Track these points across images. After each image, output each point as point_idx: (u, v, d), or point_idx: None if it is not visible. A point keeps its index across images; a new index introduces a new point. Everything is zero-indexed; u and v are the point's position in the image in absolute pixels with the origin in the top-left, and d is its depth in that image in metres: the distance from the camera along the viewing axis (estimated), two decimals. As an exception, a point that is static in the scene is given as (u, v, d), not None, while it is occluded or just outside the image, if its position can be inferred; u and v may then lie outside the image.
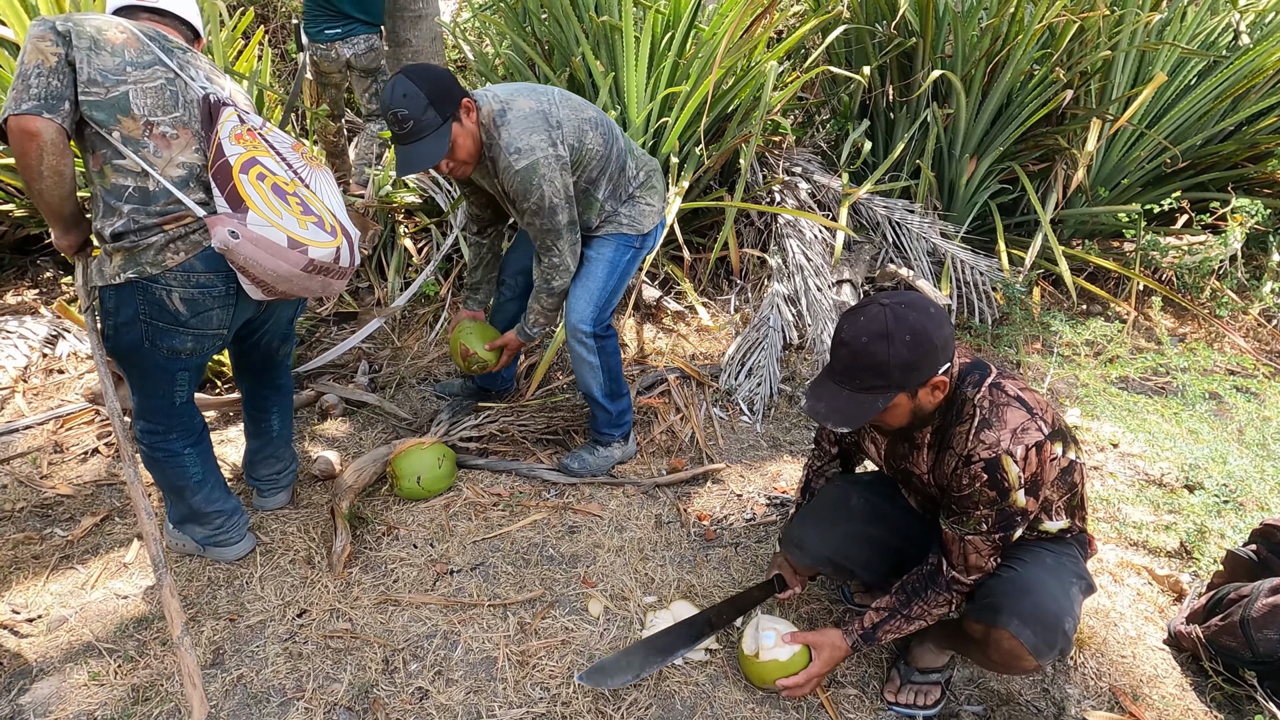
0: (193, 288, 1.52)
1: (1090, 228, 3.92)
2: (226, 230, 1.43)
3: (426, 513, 2.15)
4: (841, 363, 1.29)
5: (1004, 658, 1.38)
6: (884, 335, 1.24)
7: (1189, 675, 1.76)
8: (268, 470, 2.06)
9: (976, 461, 1.31)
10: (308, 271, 1.54)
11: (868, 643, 1.52)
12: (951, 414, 1.37)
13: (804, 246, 3.23)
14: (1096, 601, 1.96)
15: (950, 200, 3.78)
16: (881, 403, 1.28)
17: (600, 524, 2.15)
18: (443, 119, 1.76)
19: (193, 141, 1.52)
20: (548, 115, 1.91)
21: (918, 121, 3.56)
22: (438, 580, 1.91)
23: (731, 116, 3.34)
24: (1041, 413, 1.34)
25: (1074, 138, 3.57)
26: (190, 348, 1.60)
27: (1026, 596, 1.36)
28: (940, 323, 1.28)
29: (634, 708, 1.58)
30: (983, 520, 1.35)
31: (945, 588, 1.43)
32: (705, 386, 2.83)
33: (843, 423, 1.29)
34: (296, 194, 1.55)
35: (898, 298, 1.28)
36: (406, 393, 2.74)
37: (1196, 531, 2.07)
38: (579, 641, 1.74)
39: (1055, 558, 1.44)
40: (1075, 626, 1.38)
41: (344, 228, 1.64)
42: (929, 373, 1.27)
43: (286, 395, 2.02)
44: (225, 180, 1.47)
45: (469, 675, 1.65)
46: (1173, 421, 2.49)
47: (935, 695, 1.61)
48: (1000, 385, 1.36)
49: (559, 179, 1.90)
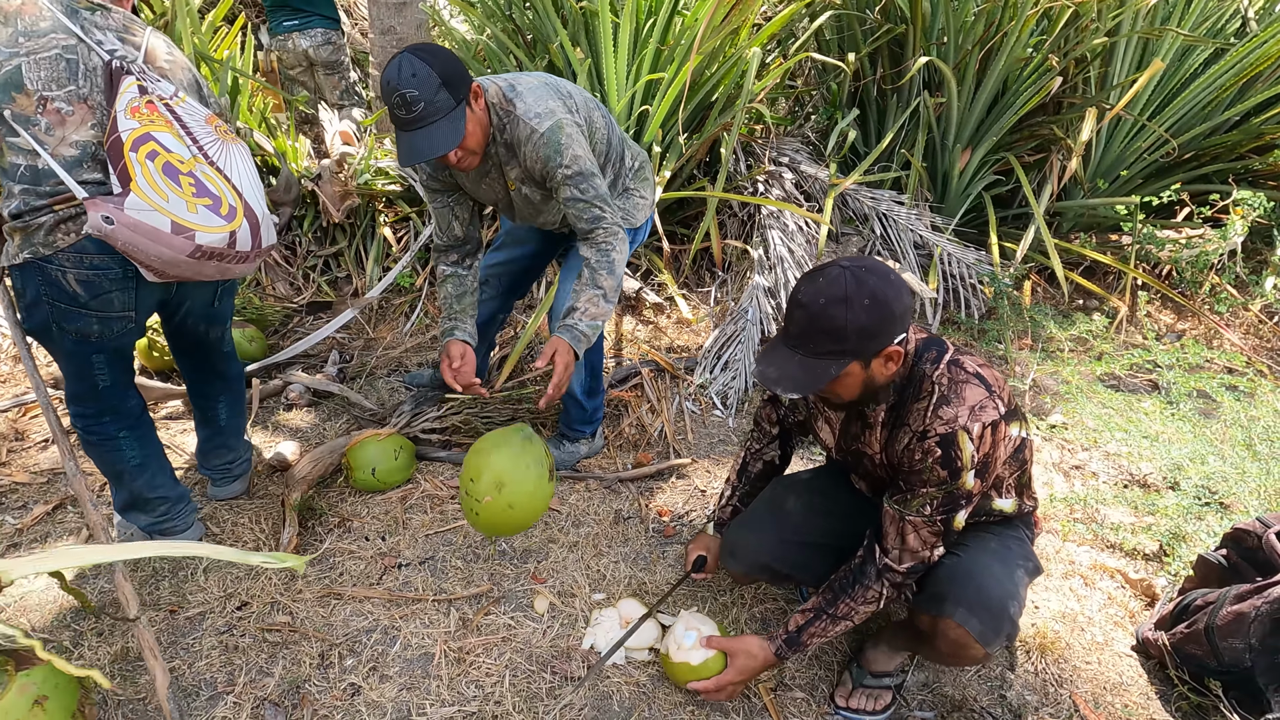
0: (87, 269, 1.46)
1: (1089, 221, 3.81)
2: (100, 216, 1.36)
3: (382, 505, 2.11)
4: (797, 325, 1.24)
5: (951, 648, 1.33)
6: (843, 299, 1.19)
7: (1155, 684, 1.69)
8: (219, 460, 2.03)
9: (932, 436, 1.26)
10: (195, 257, 1.46)
11: (793, 648, 1.45)
12: (909, 390, 1.33)
13: (786, 238, 3.16)
14: (1064, 605, 1.89)
15: (943, 192, 3.69)
16: (835, 369, 1.22)
17: (558, 519, 2.11)
18: (456, 101, 1.61)
19: (90, 116, 1.42)
20: (557, 88, 1.84)
21: (909, 110, 3.47)
22: (384, 574, 1.88)
23: (715, 105, 3.27)
24: (999, 390, 1.30)
25: (1070, 127, 3.47)
26: (97, 330, 1.55)
27: (971, 583, 1.32)
28: (900, 291, 1.23)
29: (568, 709, 1.54)
30: (928, 501, 1.30)
31: (875, 578, 1.36)
32: (680, 380, 2.78)
33: (793, 389, 1.23)
34: (193, 173, 1.46)
35: (859, 261, 1.23)
36: (375, 383, 2.72)
37: (1172, 534, 1.99)
38: (520, 639, 1.70)
39: (1000, 541, 1.40)
40: (1021, 611, 1.34)
41: (249, 208, 1.54)
42: (885, 341, 1.23)
43: (233, 384, 1.98)
44: (117, 158, 1.39)
45: (404, 671, 1.61)
46: (1157, 420, 2.40)
47: (886, 700, 1.55)
48: (959, 362, 1.31)
49: (583, 144, 1.77)
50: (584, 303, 1.81)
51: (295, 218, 3.36)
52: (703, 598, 1.84)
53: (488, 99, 1.76)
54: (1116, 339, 3.16)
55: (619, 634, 1.67)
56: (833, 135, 3.45)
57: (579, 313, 1.81)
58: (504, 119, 1.77)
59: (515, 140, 1.77)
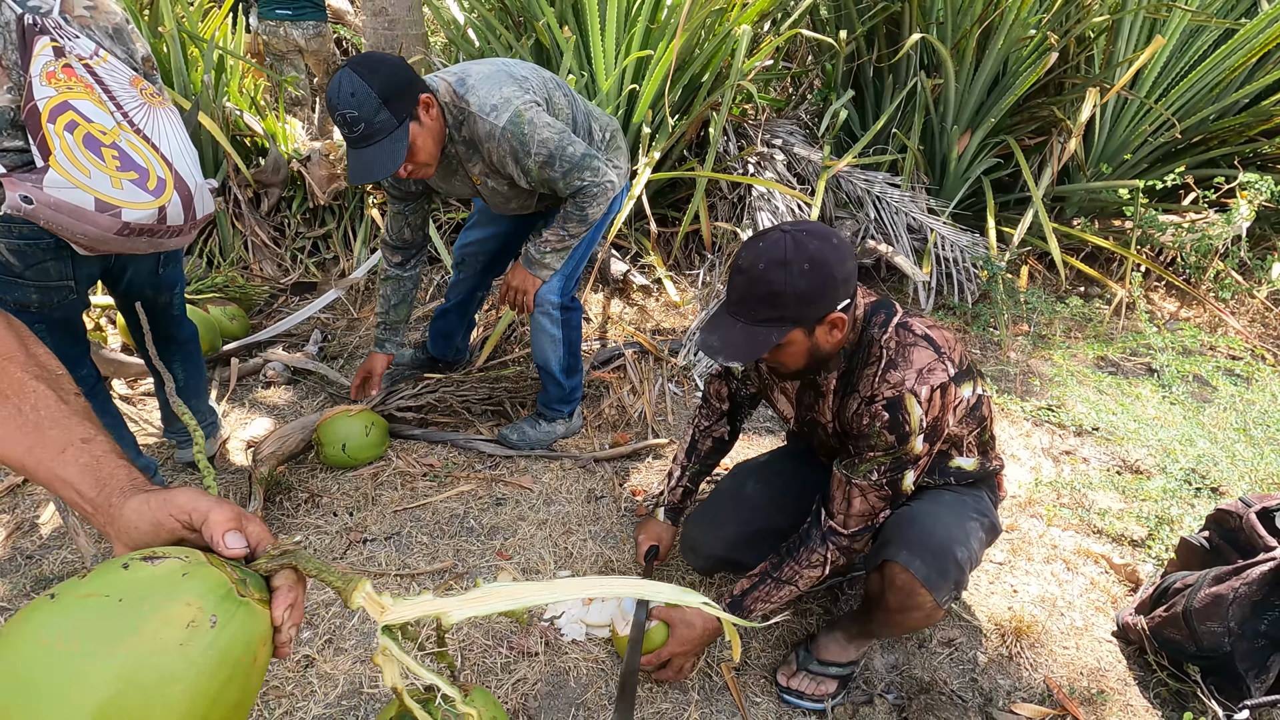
0: (16, 239, 1.42)
1: (1091, 206, 3.72)
2: (19, 195, 1.30)
3: (352, 481, 2.09)
4: (737, 291, 1.20)
5: (899, 598, 1.29)
6: (782, 262, 1.15)
7: (1134, 669, 1.64)
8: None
9: (879, 401, 1.23)
10: (124, 235, 1.40)
11: (736, 612, 1.39)
12: (858, 357, 1.29)
13: (776, 219, 3.10)
14: (1044, 589, 1.83)
15: (941, 176, 3.61)
16: (776, 336, 1.18)
17: (529, 497, 2.08)
18: (398, 120, 1.56)
19: (5, 79, 1.32)
20: (509, 71, 1.80)
21: (905, 91, 3.40)
22: (349, 548, 1.85)
23: (704, 84, 3.22)
24: (949, 351, 1.26)
25: (1071, 109, 3.38)
26: (36, 300, 1.51)
27: (914, 525, 1.29)
28: (844, 255, 1.19)
29: (521, 684, 1.51)
30: (875, 465, 1.27)
31: (821, 541, 1.33)
32: (663, 362, 2.74)
33: (734, 356, 1.19)
34: (116, 144, 1.38)
35: (800, 225, 1.19)
36: (356, 363, 2.70)
37: (1158, 518, 1.92)
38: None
39: (955, 495, 1.37)
40: (971, 560, 1.30)
41: (179, 179, 1.46)
42: (826, 307, 1.18)
43: (186, 345, 1.95)
44: (35, 128, 1.31)
45: (360, 645, 1.59)
46: (1151, 405, 2.33)
47: (829, 688, 1.49)
48: (907, 324, 1.28)
49: (547, 119, 1.73)
50: (548, 234, 1.88)
51: (284, 199, 3.35)
52: (669, 578, 1.80)
53: (439, 100, 1.70)
54: (1115, 324, 3.08)
55: (580, 610, 1.64)
56: (826, 116, 3.39)
57: (541, 241, 1.89)
58: (459, 116, 1.72)
59: (475, 137, 1.73)
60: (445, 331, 2.49)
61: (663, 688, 1.52)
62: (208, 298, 2.75)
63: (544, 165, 1.74)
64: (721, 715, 1.48)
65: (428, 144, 1.66)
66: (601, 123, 2.04)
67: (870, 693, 1.55)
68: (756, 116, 3.54)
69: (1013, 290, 3.07)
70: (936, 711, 1.51)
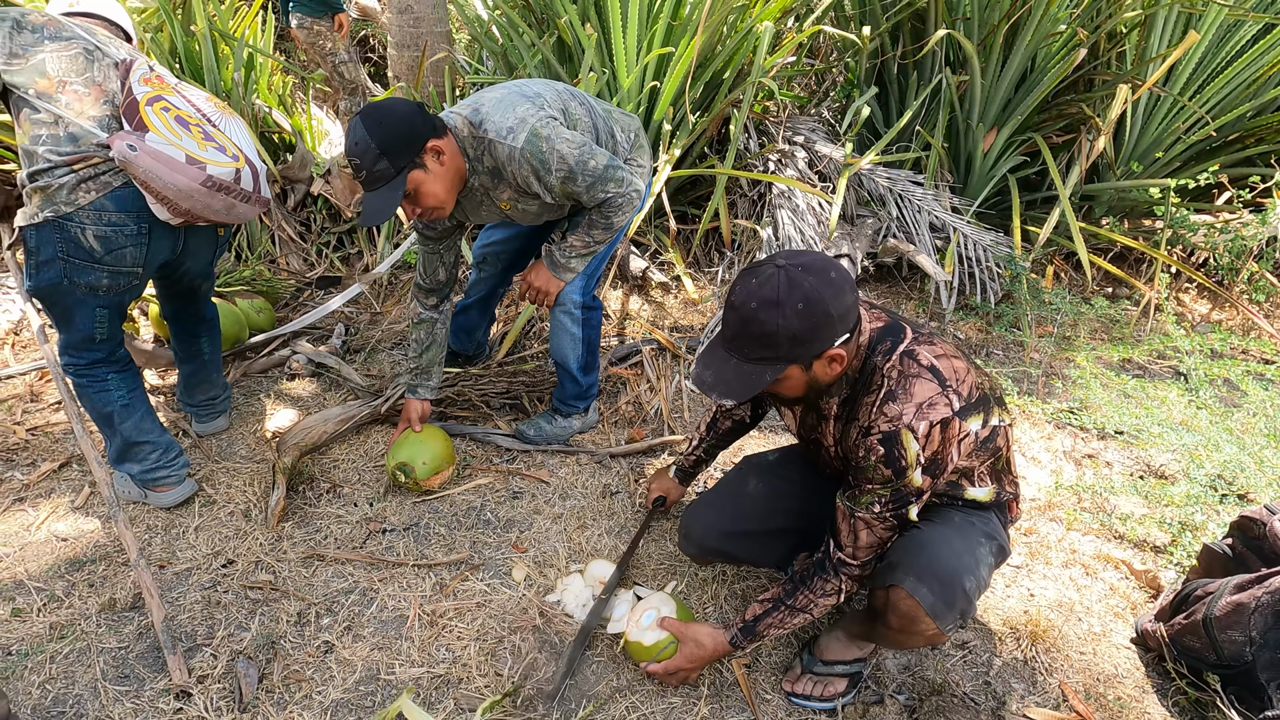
0: (105, 226, 1.60)
1: (1121, 205, 3.65)
2: (125, 143, 1.52)
3: (373, 473, 2.13)
4: (730, 329, 1.18)
5: (901, 621, 1.27)
6: (775, 303, 1.11)
7: (1152, 677, 1.61)
8: (203, 395, 2.18)
9: (875, 434, 1.19)
10: (207, 187, 1.61)
11: (748, 638, 1.39)
12: (860, 384, 1.26)
13: (796, 218, 3.09)
14: (1061, 594, 1.81)
15: (966, 174, 3.57)
16: (770, 375, 1.16)
17: (545, 491, 2.10)
18: (396, 170, 1.61)
19: (103, 96, 1.61)
20: (521, 91, 1.81)
21: (930, 88, 3.36)
22: (368, 538, 1.89)
23: (726, 81, 3.22)
24: (956, 384, 1.20)
25: (1101, 106, 3.32)
26: (106, 284, 1.68)
27: (923, 552, 1.25)
28: (840, 290, 1.14)
29: (533, 671, 1.53)
30: (875, 499, 1.24)
31: (834, 573, 1.31)
32: (681, 359, 2.74)
33: (728, 394, 1.17)
34: (200, 126, 1.65)
35: (796, 259, 1.15)
36: (376, 357, 2.74)
37: (1181, 524, 1.89)
38: (495, 605, 1.70)
39: (964, 517, 1.33)
40: (979, 588, 1.27)
41: (249, 160, 1.72)
42: (823, 345, 1.15)
43: (213, 324, 2.15)
44: (133, 114, 1.58)
45: (378, 632, 1.62)
46: (1177, 409, 2.29)
47: (838, 688, 1.49)
48: (913, 353, 1.22)
49: (565, 134, 1.74)
50: (572, 239, 1.91)
51: (310, 195, 3.41)
52: (682, 573, 1.82)
53: (457, 136, 1.74)
54: (1142, 326, 3.03)
55: (585, 595, 1.67)
56: (849, 113, 3.36)
57: (565, 246, 1.91)
58: (479, 146, 1.75)
59: (498, 163, 1.75)
60: (466, 326, 2.52)
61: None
62: (235, 291, 2.82)
63: (566, 180, 1.75)
64: (731, 711, 1.49)
65: (435, 189, 1.68)
66: (624, 124, 2.04)
67: (881, 693, 1.54)
68: (778, 113, 3.53)
69: (1037, 290, 3.02)
70: (948, 714, 1.51)
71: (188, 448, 2.19)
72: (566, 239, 1.92)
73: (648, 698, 1.50)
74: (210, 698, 1.46)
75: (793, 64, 3.68)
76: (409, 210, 1.72)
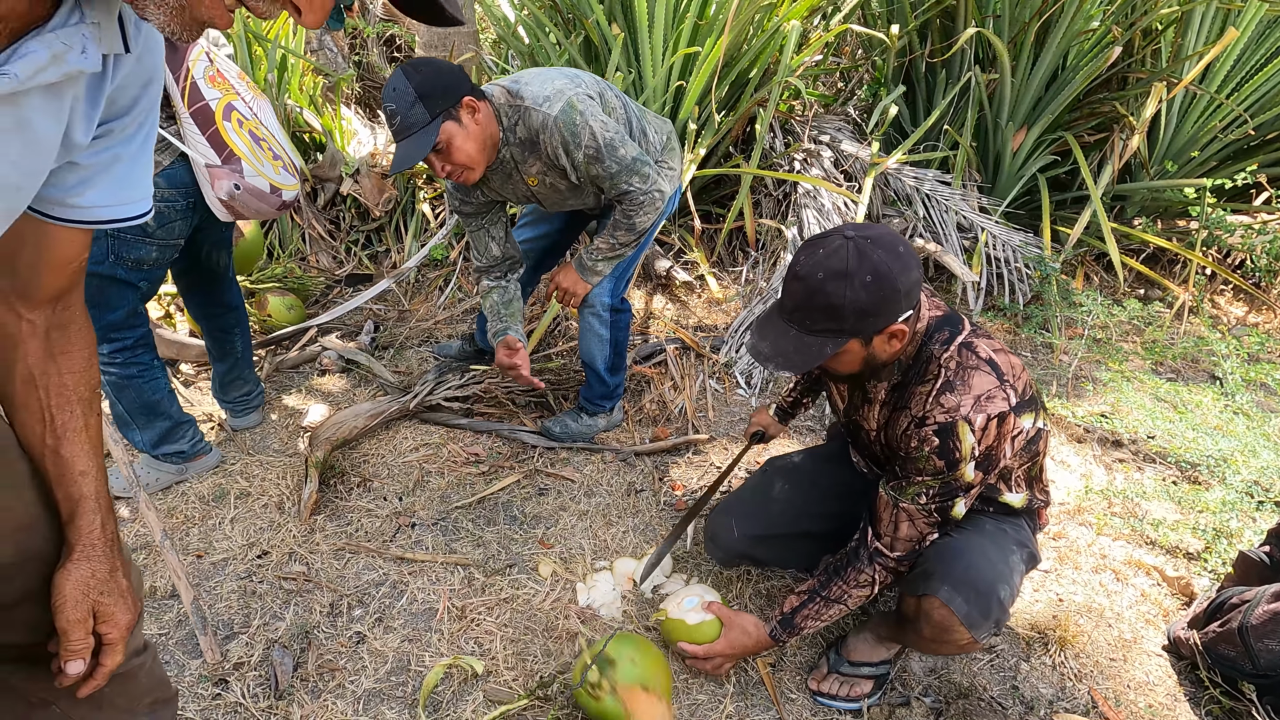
0: (160, 202, 1.65)
1: (1155, 206, 3.58)
2: (231, 184, 1.64)
3: (402, 468, 2.17)
4: (793, 299, 1.17)
5: (935, 631, 1.26)
6: (843, 274, 1.11)
7: (1185, 685, 1.59)
8: (238, 391, 2.23)
9: (930, 424, 1.18)
10: (279, 210, 1.75)
11: (786, 630, 1.40)
12: (914, 371, 1.24)
13: (821, 217, 3.08)
14: (1091, 599, 1.79)
15: (994, 174, 3.52)
16: (831, 348, 1.16)
17: (571, 488, 2.12)
18: (430, 116, 1.62)
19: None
20: (562, 71, 1.85)
21: (959, 86, 3.32)
22: (398, 532, 1.93)
23: (752, 81, 3.21)
24: (1013, 380, 1.20)
25: (1135, 104, 3.26)
26: (154, 258, 1.73)
27: (959, 561, 1.24)
28: (908, 265, 1.14)
29: (558, 663, 1.55)
30: (923, 490, 1.23)
31: (868, 562, 1.31)
32: (705, 358, 2.75)
33: (786, 366, 1.18)
34: (263, 138, 1.71)
35: (865, 231, 1.15)
36: (405, 354, 2.78)
37: (1216, 531, 1.86)
38: (521, 600, 1.72)
39: (996, 524, 1.33)
40: (1013, 597, 1.27)
41: (292, 161, 1.82)
42: (888, 320, 1.15)
43: (240, 312, 2.17)
44: (208, 124, 1.61)
45: (408, 624, 1.65)
46: (1212, 413, 2.25)
47: (865, 689, 1.49)
48: (972, 345, 1.22)
49: (601, 115, 1.75)
50: (599, 242, 1.93)
51: (339, 195, 3.47)
52: (705, 570, 1.82)
53: (494, 103, 1.76)
54: (1176, 329, 2.97)
55: (614, 595, 1.69)
56: (875, 112, 3.34)
57: (593, 249, 1.94)
58: (515, 115, 1.77)
59: (532, 132, 1.77)
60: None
61: (698, 680, 1.55)
62: (267, 288, 2.87)
63: (592, 160, 1.76)
64: (756, 710, 1.50)
65: (467, 145, 1.70)
66: (657, 126, 2.05)
67: (907, 695, 1.54)
68: (804, 112, 3.51)
69: (1066, 292, 2.98)
70: (975, 717, 1.50)
71: (222, 441, 2.24)
72: (593, 242, 1.95)
73: (674, 695, 1.51)
74: (247, 685, 1.50)
75: (819, 63, 3.66)
76: (438, 166, 1.73)
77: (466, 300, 3.11)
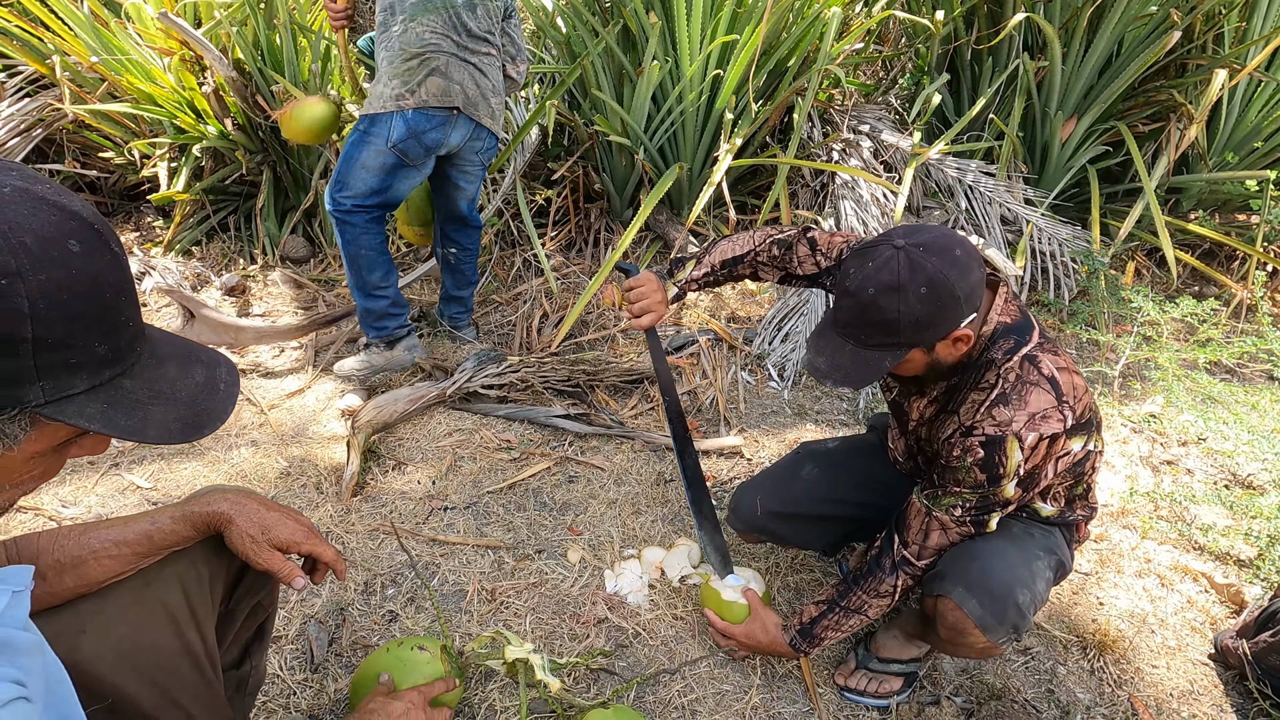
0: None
1: (1213, 199, 3.44)
2: None
3: (435, 453, 2.21)
4: (845, 314, 1.12)
5: (949, 633, 1.23)
6: (895, 287, 1.05)
7: (1231, 695, 1.53)
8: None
9: (978, 435, 1.14)
10: None
11: (807, 641, 1.38)
12: (970, 375, 1.19)
13: (859, 209, 3.03)
14: (1133, 604, 1.74)
15: (1041, 165, 3.42)
16: (890, 362, 1.12)
17: (600, 476, 2.13)
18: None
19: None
20: None
21: (1005, 74, 3.22)
22: (431, 515, 1.96)
23: (790, 69, 3.16)
24: (1073, 401, 1.14)
25: (1193, 92, 3.12)
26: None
27: (975, 562, 1.21)
28: (967, 269, 1.07)
29: (584, 649, 1.56)
30: (959, 502, 1.20)
31: (891, 570, 1.27)
32: (737, 350, 2.73)
33: (844, 382, 1.13)
34: None
35: (915, 237, 1.08)
36: (443, 336, 2.81)
37: (1270, 538, 1.78)
38: (549, 585, 1.74)
39: (1024, 528, 1.28)
40: (1034, 603, 1.22)
41: None
42: (949, 328, 1.10)
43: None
44: None
45: (439, 605, 1.68)
46: (1270, 415, 2.15)
47: (893, 686, 1.46)
48: (1035, 359, 1.15)
49: None
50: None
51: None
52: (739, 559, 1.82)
53: None
54: (1232, 327, 2.85)
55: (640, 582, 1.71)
56: (918, 101, 3.26)
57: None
58: None
59: None
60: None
61: (725, 669, 1.55)
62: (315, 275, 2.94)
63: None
64: (782, 701, 1.49)
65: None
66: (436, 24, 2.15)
67: (937, 694, 1.52)
68: (843, 102, 3.45)
69: (1115, 288, 2.88)
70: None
71: (261, 425, 2.30)
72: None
73: (699, 681, 1.51)
74: (284, 657, 1.55)
75: (860, 50, 3.59)
76: None
77: (500, 292, 3.13)
